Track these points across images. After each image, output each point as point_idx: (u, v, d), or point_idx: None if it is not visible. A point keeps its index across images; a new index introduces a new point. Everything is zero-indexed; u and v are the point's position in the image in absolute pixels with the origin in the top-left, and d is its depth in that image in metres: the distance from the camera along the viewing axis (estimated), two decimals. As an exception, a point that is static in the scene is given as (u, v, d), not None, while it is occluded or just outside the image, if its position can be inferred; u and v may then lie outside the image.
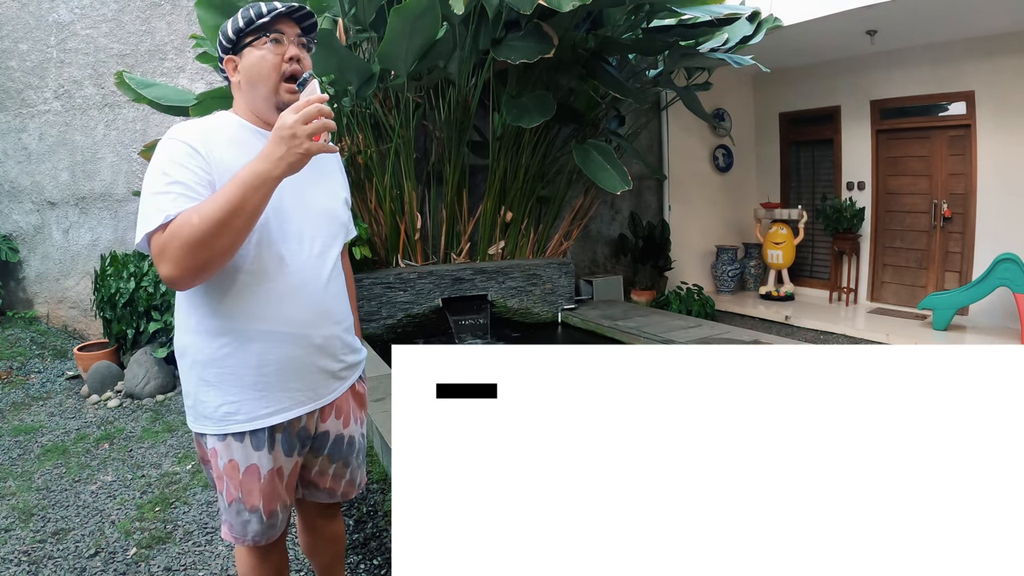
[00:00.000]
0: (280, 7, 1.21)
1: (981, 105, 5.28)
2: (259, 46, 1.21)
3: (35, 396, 3.93)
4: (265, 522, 1.31)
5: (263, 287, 1.19)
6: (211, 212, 1.03)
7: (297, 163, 1.05)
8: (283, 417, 1.24)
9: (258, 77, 1.21)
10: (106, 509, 2.55)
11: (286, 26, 1.23)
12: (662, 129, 6.61)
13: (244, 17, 1.21)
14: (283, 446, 1.28)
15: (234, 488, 1.27)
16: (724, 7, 4.27)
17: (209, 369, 1.22)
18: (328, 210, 1.32)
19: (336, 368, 1.33)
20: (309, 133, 1.03)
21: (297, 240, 1.23)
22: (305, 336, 1.24)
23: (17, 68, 4.83)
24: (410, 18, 3.50)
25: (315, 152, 1.05)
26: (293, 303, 1.22)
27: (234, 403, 1.21)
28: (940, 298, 5.08)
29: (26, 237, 5.00)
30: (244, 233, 1.07)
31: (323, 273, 1.27)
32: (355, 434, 1.45)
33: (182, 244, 1.03)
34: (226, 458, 1.25)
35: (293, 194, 1.22)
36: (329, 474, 1.43)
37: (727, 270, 6.85)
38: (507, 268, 4.80)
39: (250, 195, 1.03)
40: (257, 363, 1.20)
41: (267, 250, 1.18)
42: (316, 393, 1.29)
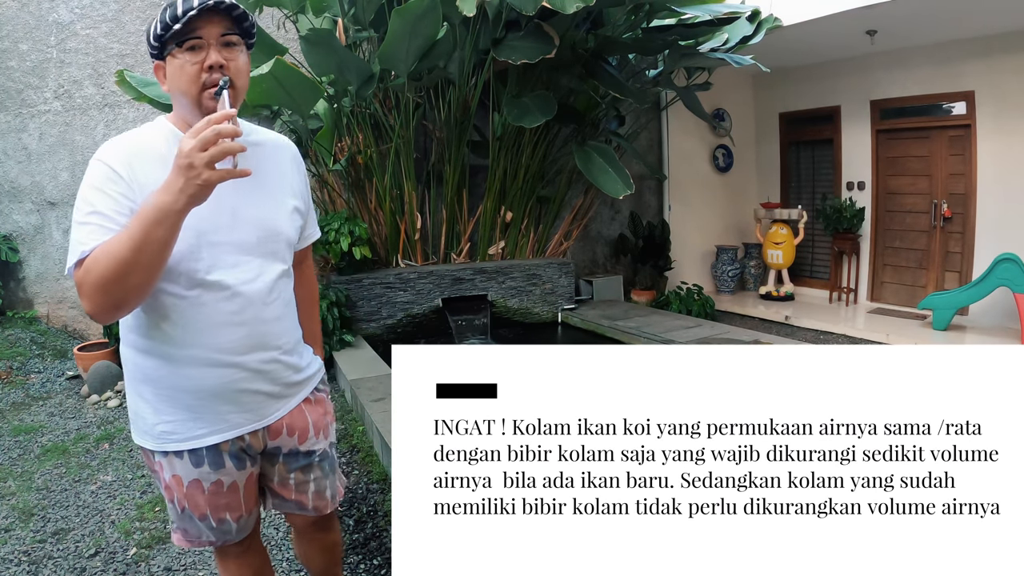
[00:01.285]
0: (196, 5, 1.05)
1: (981, 105, 5.28)
2: (178, 54, 1.09)
3: (35, 396, 3.93)
4: (216, 528, 1.29)
5: (194, 313, 1.13)
6: (117, 251, 0.97)
7: (198, 194, 0.95)
8: (220, 438, 1.21)
9: (178, 88, 1.11)
10: (106, 509, 2.55)
11: (207, 26, 1.08)
12: (662, 129, 6.61)
13: (161, 20, 1.08)
14: (232, 461, 1.24)
15: (180, 498, 1.26)
16: (724, 7, 4.27)
17: (144, 387, 1.20)
18: (265, 226, 1.20)
19: (276, 391, 1.26)
20: (206, 162, 0.93)
21: (229, 264, 1.15)
22: (239, 363, 1.18)
23: (17, 68, 4.83)
24: (411, 19, 3.50)
25: (216, 181, 0.95)
26: (225, 330, 1.15)
27: (169, 423, 1.19)
28: (940, 298, 5.08)
29: (26, 237, 4.99)
30: (155, 269, 1.00)
31: (258, 297, 1.18)
32: (314, 448, 1.36)
33: (94, 282, 0.99)
34: (169, 473, 1.24)
35: (221, 213, 1.13)
36: (291, 485, 1.36)
37: (727, 270, 6.85)
38: (507, 268, 4.80)
39: (152, 230, 0.96)
40: (191, 387, 1.17)
41: (196, 276, 1.12)
42: (256, 415, 1.24)
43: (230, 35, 1.11)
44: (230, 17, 1.11)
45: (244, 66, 1.15)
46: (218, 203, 1.08)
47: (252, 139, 1.22)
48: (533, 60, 3.88)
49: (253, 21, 1.17)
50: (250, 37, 1.16)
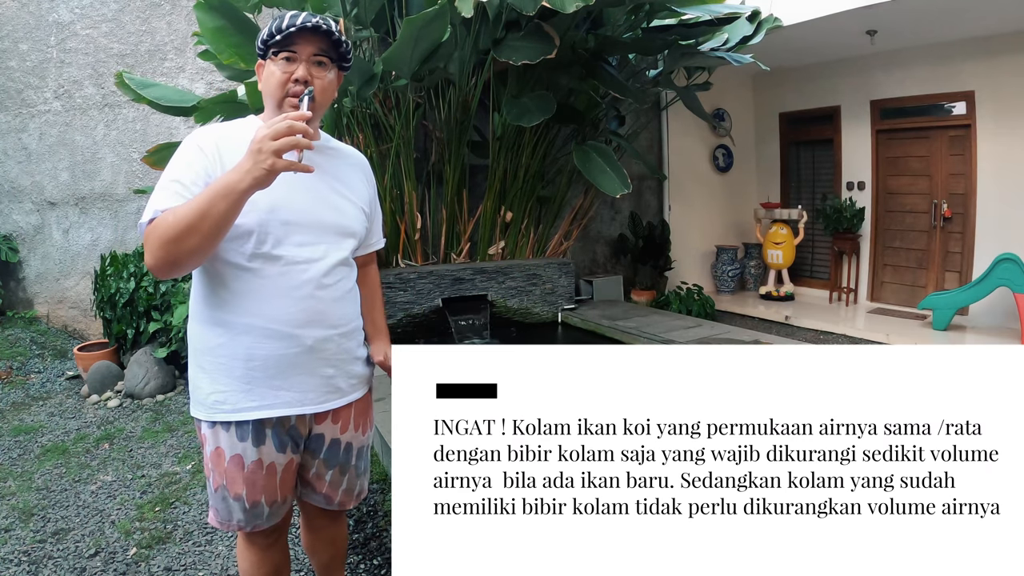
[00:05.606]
0: (298, 24, 1.20)
1: (981, 105, 5.28)
2: (275, 60, 1.24)
3: (35, 396, 3.93)
4: (248, 511, 1.32)
5: (257, 283, 1.22)
6: (184, 214, 1.07)
7: (263, 178, 1.04)
8: (267, 413, 1.26)
9: (267, 90, 1.25)
10: (106, 509, 2.55)
11: (303, 44, 1.22)
12: (662, 129, 6.61)
13: (268, 29, 1.24)
14: (274, 441, 1.29)
15: (219, 475, 1.31)
16: (724, 7, 4.27)
17: (205, 357, 1.27)
18: (334, 216, 1.31)
19: (331, 374, 1.32)
20: (274, 150, 1.02)
21: (296, 242, 1.24)
22: (294, 336, 1.24)
23: (17, 68, 4.83)
24: (420, 26, 3.51)
25: (280, 169, 1.04)
26: (285, 302, 1.23)
27: (222, 392, 1.25)
28: (940, 298, 5.08)
29: (26, 237, 5.00)
30: (212, 237, 1.08)
31: (319, 276, 1.26)
32: (353, 441, 1.43)
33: (158, 238, 1.08)
34: (213, 445, 1.29)
35: (295, 197, 1.24)
36: (326, 479, 1.42)
37: (727, 270, 6.85)
38: (507, 268, 4.80)
39: (217, 202, 1.05)
40: (245, 356, 1.23)
41: (264, 248, 1.21)
42: (306, 397, 1.29)
43: (322, 56, 1.25)
44: (327, 40, 1.24)
45: (330, 85, 1.28)
46: (294, 187, 1.21)
47: (332, 146, 1.38)
48: (534, 60, 3.88)
49: (349, 47, 1.31)
50: (344, 60, 1.30)
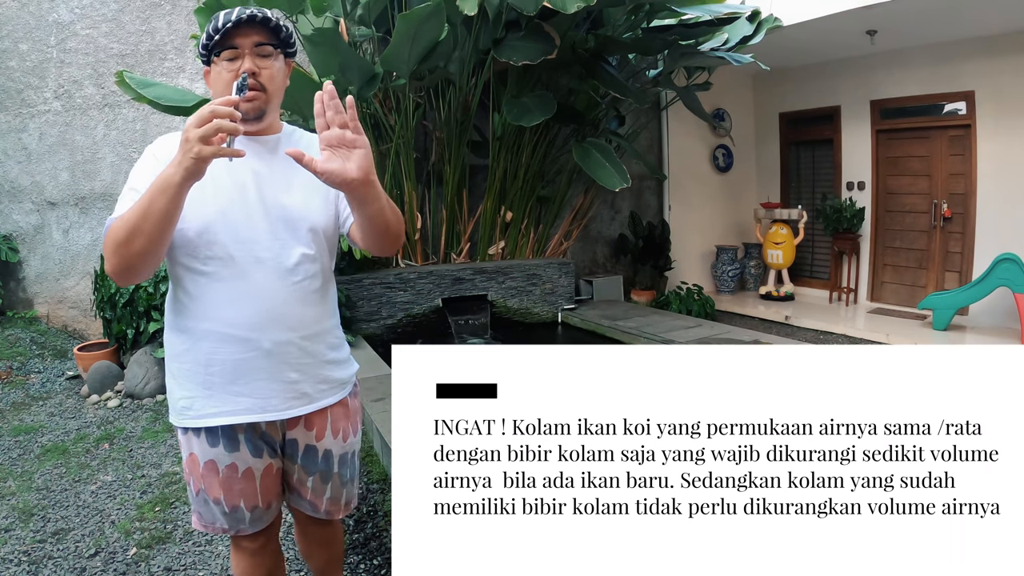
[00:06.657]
0: (233, 19, 1.16)
1: (981, 105, 5.28)
2: (218, 62, 1.20)
3: (35, 396, 3.92)
4: (229, 515, 1.31)
5: (213, 287, 1.20)
6: (128, 217, 1.06)
7: (193, 167, 1.00)
8: (228, 420, 1.23)
9: (216, 92, 1.22)
10: (106, 509, 2.55)
11: (243, 36, 1.18)
12: (662, 129, 6.61)
13: (207, 33, 1.20)
14: (248, 446, 1.27)
15: (196, 480, 1.30)
16: (724, 7, 4.27)
17: (173, 363, 1.28)
18: (292, 212, 1.24)
19: (294, 379, 1.26)
20: (199, 137, 0.98)
21: (250, 242, 1.20)
22: (250, 340, 1.21)
23: (17, 68, 4.83)
24: (415, 23, 3.51)
25: (208, 155, 0.99)
26: (240, 305, 1.20)
27: (188, 398, 1.25)
28: (940, 298, 5.08)
29: (26, 237, 4.99)
30: (157, 237, 1.06)
31: (275, 276, 1.21)
32: (333, 448, 1.36)
33: (111, 243, 1.08)
34: (187, 451, 1.29)
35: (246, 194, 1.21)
36: (308, 486, 1.37)
37: (727, 270, 6.85)
38: (507, 268, 4.80)
39: (155, 200, 1.03)
40: (205, 362, 1.22)
41: (217, 250, 1.18)
42: (268, 403, 1.24)
43: (265, 45, 1.21)
44: (266, 28, 1.21)
45: (278, 73, 1.24)
46: (243, 184, 1.20)
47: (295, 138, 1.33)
48: (534, 61, 3.88)
49: (290, 32, 1.26)
50: (288, 47, 1.26)
